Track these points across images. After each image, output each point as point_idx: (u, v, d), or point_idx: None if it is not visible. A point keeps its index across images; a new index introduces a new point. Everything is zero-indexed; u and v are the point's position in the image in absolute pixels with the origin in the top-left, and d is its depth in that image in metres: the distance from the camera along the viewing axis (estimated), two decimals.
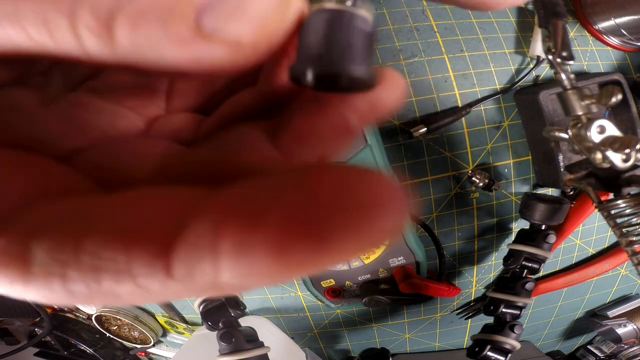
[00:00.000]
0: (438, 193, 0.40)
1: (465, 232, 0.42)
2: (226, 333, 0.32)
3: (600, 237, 0.43)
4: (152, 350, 0.59)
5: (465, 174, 0.39)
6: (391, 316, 0.48)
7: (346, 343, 0.51)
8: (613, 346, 0.49)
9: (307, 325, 0.49)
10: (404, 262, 0.36)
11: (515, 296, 0.37)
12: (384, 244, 0.30)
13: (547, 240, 0.36)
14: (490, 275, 0.44)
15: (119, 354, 0.60)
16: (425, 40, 0.37)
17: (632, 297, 0.47)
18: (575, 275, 0.44)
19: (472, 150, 0.39)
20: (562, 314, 0.48)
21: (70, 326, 0.59)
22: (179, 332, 0.55)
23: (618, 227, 0.29)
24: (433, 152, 0.39)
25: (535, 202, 0.36)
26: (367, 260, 0.35)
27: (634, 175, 0.27)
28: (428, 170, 0.39)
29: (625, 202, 0.28)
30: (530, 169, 0.39)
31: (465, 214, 0.41)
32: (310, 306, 0.47)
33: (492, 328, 0.38)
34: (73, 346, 0.59)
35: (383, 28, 0.36)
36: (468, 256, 0.43)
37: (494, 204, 0.40)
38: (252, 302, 0.48)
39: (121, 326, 0.56)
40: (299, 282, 0.45)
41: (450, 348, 0.51)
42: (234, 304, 0.34)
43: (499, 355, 0.36)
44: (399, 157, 0.39)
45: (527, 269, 0.37)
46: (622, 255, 0.42)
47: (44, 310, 0.57)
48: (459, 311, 0.47)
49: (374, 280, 0.37)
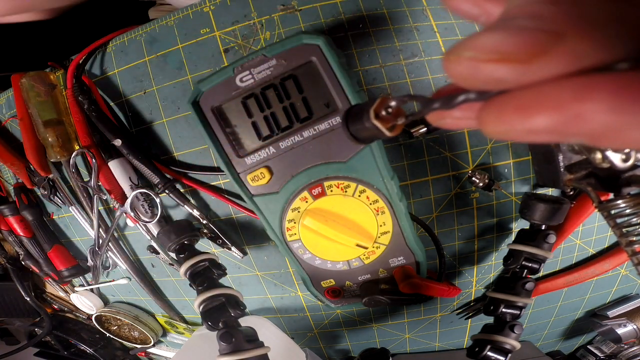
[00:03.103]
0: (438, 193, 0.40)
1: (465, 232, 0.42)
2: (226, 333, 0.32)
3: (600, 237, 0.43)
4: (152, 350, 0.59)
5: (465, 174, 0.39)
6: (391, 316, 0.48)
7: (346, 343, 0.51)
8: (613, 346, 0.49)
9: (307, 325, 0.49)
10: (404, 262, 0.36)
11: (515, 296, 0.37)
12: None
13: (547, 240, 0.36)
14: (490, 275, 0.44)
15: (119, 354, 0.60)
16: (425, 40, 0.37)
17: (632, 297, 0.47)
18: (575, 275, 0.44)
19: (472, 150, 0.39)
20: (562, 314, 0.48)
21: (70, 326, 0.59)
22: (179, 332, 0.55)
23: (618, 227, 0.29)
24: (433, 152, 0.39)
25: (535, 202, 0.36)
26: (367, 260, 0.35)
27: (634, 175, 0.27)
28: (428, 170, 0.39)
29: (625, 202, 0.28)
30: (530, 169, 0.39)
31: (465, 214, 0.41)
32: (310, 306, 0.47)
33: (492, 328, 0.38)
34: (73, 346, 0.59)
35: (383, 28, 0.37)
36: (468, 256, 0.43)
37: (494, 204, 0.40)
38: (252, 302, 0.48)
39: (121, 326, 0.56)
40: (299, 282, 0.45)
41: (450, 348, 0.51)
42: (234, 304, 0.34)
43: (499, 355, 0.36)
44: (399, 157, 0.39)
45: (527, 269, 0.37)
46: (622, 255, 0.42)
47: (44, 310, 0.57)
48: (459, 311, 0.47)
49: (374, 280, 0.37)
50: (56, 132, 0.41)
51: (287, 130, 0.32)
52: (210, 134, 0.32)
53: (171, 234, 0.38)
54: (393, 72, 0.37)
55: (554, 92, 0.10)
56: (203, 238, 0.43)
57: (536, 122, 0.11)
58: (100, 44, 0.41)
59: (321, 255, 0.35)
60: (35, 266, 0.51)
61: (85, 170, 0.45)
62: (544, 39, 0.10)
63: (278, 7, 0.37)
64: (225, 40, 0.38)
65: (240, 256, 0.44)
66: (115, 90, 0.42)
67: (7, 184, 0.51)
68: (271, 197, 0.34)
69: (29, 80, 0.40)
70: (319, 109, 0.31)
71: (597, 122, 0.10)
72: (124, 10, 0.55)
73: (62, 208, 0.48)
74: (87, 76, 0.42)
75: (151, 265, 0.49)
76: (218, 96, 0.31)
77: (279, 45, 0.30)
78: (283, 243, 0.36)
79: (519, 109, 0.11)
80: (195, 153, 0.41)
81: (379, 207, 0.33)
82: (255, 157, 0.33)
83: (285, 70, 0.30)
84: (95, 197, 0.43)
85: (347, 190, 0.32)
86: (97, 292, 0.55)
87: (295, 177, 0.33)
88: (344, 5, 0.36)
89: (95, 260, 0.47)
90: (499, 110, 0.11)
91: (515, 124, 0.11)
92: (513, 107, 0.11)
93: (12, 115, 0.47)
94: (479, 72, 0.11)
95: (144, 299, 0.52)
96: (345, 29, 0.37)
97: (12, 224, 0.49)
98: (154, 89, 0.40)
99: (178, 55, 0.39)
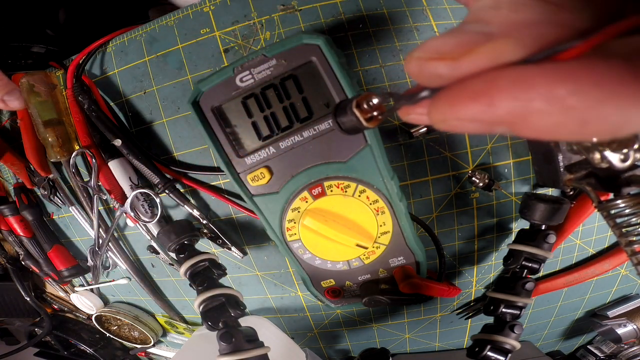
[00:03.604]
0: (438, 193, 0.40)
1: (465, 232, 0.42)
2: (226, 333, 0.32)
3: (600, 237, 0.43)
4: (152, 350, 0.59)
5: (465, 174, 0.39)
6: (391, 316, 0.48)
7: (346, 343, 0.51)
8: (613, 346, 0.49)
9: (307, 325, 0.49)
10: (404, 262, 0.36)
11: (515, 296, 0.37)
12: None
13: (547, 240, 0.36)
14: (490, 275, 0.44)
15: (119, 354, 0.60)
16: (425, 40, 0.37)
17: (632, 297, 0.47)
18: (575, 275, 0.44)
19: (472, 150, 0.39)
20: (562, 314, 0.48)
21: (70, 326, 0.59)
22: (179, 332, 0.55)
23: (617, 227, 0.29)
24: (433, 152, 0.39)
25: (535, 202, 0.36)
26: (367, 260, 0.35)
27: (633, 175, 0.27)
28: (428, 170, 0.39)
29: (624, 202, 0.28)
30: (530, 169, 0.39)
31: (465, 214, 0.41)
32: (310, 306, 0.47)
33: (492, 328, 0.38)
34: (73, 346, 0.59)
35: (383, 28, 0.37)
36: (468, 256, 0.43)
37: (494, 204, 0.40)
38: (252, 302, 0.48)
39: (121, 326, 0.56)
40: (299, 282, 0.45)
41: (450, 348, 0.51)
42: (234, 304, 0.34)
43: (499, 355, 0.36)
44: (399, 157, 0.39)
45: (527, 269, 0.37)
46: (622, 255, 0.42)
47: (44, 310, 0.57)
48: (459, 311, 0.47)
49: (374, 280, 0.37)
50: (56, 132, 0.41)
51: (287, 130, 0.32)
52: (210, 134, 0.32)
53: (171, 234, 0.38)
54: (393, 72, 0.37)
55: (473, 84, 0.12)
56: (203, 238, 0.43)
57: (461, 111, 0.12)
58: (100, 44, 0.41)
59: (321, 255, 0.35)
60: (35, 266, 0.51)
61: (85, 170, 0.45)
62: (474, 39, 0.13)
63: (278, 7, 0.37)
64: (225, 40, 0.38)
65: (240, 256, 0.44)
66: (115, 90, 0.42)
67: (7, 183, 0.51)
68: (271, 197, 0.34)
69: (29, 81, 0.40)
70: (319, 109, 0.31)
71: (505, 109, 0.12)
72: (124, 10, 0.55)
73: (62, 208, 0.48)
74: (87, 76, 0.42)
75: (151, 265, 0.49)
76: (218, 96, 0.31)
77: (279, 45, 0.30)
78: (283, 243, 0.36)
79: (449, 100, 0.13)
80: (195, 153, 0.41)
81: (379, 207, 0.33)
82: (255, 157, 0.33)
83: (285, 70, 0.30)
84: (95, 197, 0.43)
85: (347, 190, 0.32)
86: (97, 292, 0.55)
87: (295, 177, 0.33)
88: (344, 5, 0.36)
89: (96, 260, 0.47)
90: (436, 102, 0.13)
91: (447, 114, 0.13)
92: (445, 98, 0.13)
93: (11, 115, 0.47)
94: (424, 69, 0.13)
95: (144, 299, 0.52)
96: (345, 29, 0.37)
97: (12, 224, 0.49)
98: (154, 89, 0.40)
99: (178, 55, 0.39)
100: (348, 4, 0.36)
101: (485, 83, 0.12)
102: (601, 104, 0.10)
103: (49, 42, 0.50)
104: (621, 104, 0.10)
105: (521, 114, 0.11)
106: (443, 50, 0.13)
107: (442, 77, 0.13)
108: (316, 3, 0.36)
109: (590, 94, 0.10)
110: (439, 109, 0.13)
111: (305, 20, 0.37)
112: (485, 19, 0.13)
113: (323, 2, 0.36)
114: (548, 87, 0.11)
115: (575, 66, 0.11)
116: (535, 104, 0.11)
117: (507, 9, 0.13)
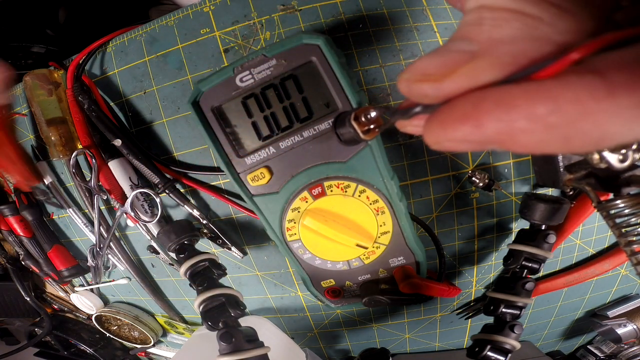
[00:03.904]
0: (438, 193, 0.40)
1: (465, 232, 0.42)
2: (226, 333, 0.32)
3: (600, 237, 0.43)
4: (152, 350, 0.59)
5: (465, 174, 0.39)
6: (391, 316, 0.48)
7: (346, 343, 0.51)
8: (613, 346, 0.49)
9: (307, 325, 0.49)
10: (404, 262, 0.36)
11: (515, 296, 0.37)
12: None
13: (547, 240, 0.36)
14: (490, 275, 0.44)
15: (119, 354, 0.60)
16: (425, 40, 0.37)
17: (632, 297, 0.47)
18: (575, 275, 0.44)
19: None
20: (562, 314, 0.48)
21: (70, 326, 0.59)
22: (179, 332, 0.55)
23: (617, 227, 0.29)
24: (433, 152, 0.39)
25: (535, 202, 0.36)
26: (367, 260, 0.35)
27: (633, 175, 0.27)
28: (428, 170, 0.39)
29: (624, 202, 0.28)
30: (530, 169, 0.39)
31: (465, 214, 0.41)
32: (310, 306, 0.47)
33: (492, 328, 0.38)
34: (73, 346, 0.59)
35: (383, 28, 0.37)
36: (468, 256, 0.43)
37: (494, 204, 0.40)
38: (252, 302, 0.48)
39: (121, 326, 0.56)
40: (299, 282, 0.45)
41: (450, 348, 0.51)
42: (234, 304, 0.34)
43: (499, 355, 0.36)
44: (399, 157, 0.39)
45: (527, 269, 0.37)
46: (622, 255, 0.42)
47: (44, 310, 0.57)
48: (459, 311, 0.47)
49: (374, 280, 0.37)
50: (59, 130, 0.41)
51: (287, 130, 0.32)
52: (210, 134, 0.32)
53: (171, 234, 0.38)
54: (393, 72, 0.37)
55: (461, 107, 0.13)
56: (203, 238, 0.43)
57: (452, 133, 0.13)
58: (100, 44, 0.41)
59: (321, 255, 0.35)
60: (35, 266, 0.51)
61: (85, 170, 0.45)
62: (457, 59, 0.13)
63: (278, 7, 0.37)
64: (225, 40, 0.38)
65: (240, 256, 0.44)
66: (115, 90, 0.42)
67: (8, 182, 0.51)
68: (271, 197, 0.34)
69: (33, 79, 0.40)
70: (319, 109, 0.31)
71: (492, 130, 0.12)
72: (124, 10, 0.55)
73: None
74: (87, 76, 0.42)
75: (151, 265, 0.49)
76: (218, 96, 0.31)
77: (279, 45, 0.30)
78: (283, 243, 0.36)
79: (440, 123, 0.13)
80: (195, 153, 0.41)
81: (379, 207, 0.33)
82: (255, 157, 0.33)
83: (285, 70, 0.30)
84: (96, 196, 0.43)
85: (347, 190, 0.32)
86: (97, 292, 0.55)
87: (295, 177, 0.33)
88: (344, 5, 0.36)
89: (96, 260, 0.47)
90: (429, 125, 0.14)
91: (440, 136, 0.13)
92: (436, 121, 0.13)
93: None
94: (412, 90, 0.14)
95: (144, 299, 0.52)
96: (345, 29, 0.37)
97: (12, 224, 0.49)
98: (154, 89, 0.40)
99: (178, 55, 0.39)
100: (348, 4, 0.36)
101: (471, 105, 0.12)
102: (579, 121, 0.11)
103: (49, 42, 0.50)
104: (597, 120, 0.11)
105: (508, 133, 0.12)
106: (427, 72, 0.13)
107: (429, 97, 0.14)
108: (316, 3, 0.36)
109: (568, 112, 0.11)
110: (432, 131, 0.14)
111: (305, 20, 0.37)
112: (470, 36, 0.13)
113: (323, 2, 0.36)
114: (529, 107, 0.11)
115: (552, 85, 0.11)
116: (519, 124, 0.11)
117: (489, 24, 0.13)
